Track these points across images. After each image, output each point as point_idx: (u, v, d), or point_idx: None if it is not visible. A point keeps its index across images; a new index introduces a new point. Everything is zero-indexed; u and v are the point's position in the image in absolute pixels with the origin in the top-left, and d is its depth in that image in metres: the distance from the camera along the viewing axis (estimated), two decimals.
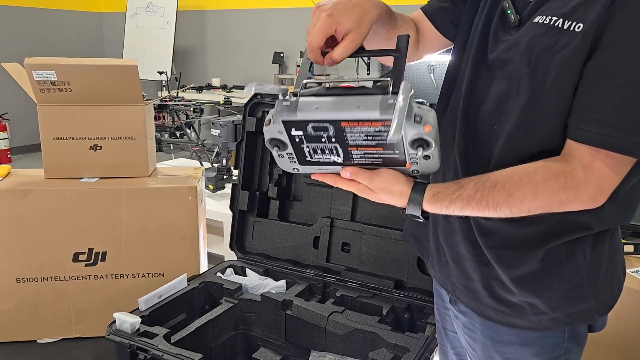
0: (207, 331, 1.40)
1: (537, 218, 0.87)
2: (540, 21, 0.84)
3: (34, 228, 1.62)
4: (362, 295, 1.48)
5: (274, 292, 1.52)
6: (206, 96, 5.80)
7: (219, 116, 3.94)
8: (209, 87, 6.29)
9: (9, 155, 6.23)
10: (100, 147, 1.70)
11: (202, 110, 4.50)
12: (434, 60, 4.58)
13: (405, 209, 0.90)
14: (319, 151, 0.85)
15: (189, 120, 4.71)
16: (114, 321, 1.30)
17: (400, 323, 1.44)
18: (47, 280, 1.66)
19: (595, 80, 0.78)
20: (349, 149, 0.83)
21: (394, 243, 1.53)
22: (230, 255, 1.79)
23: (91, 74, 1.63)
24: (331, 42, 0.88)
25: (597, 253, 0.90)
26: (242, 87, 6.13)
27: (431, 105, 0.83)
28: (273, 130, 0.83)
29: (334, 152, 0.85)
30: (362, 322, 1.34)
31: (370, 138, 0.80)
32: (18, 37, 6.57)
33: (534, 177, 0.82)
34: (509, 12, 0.91)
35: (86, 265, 1.67)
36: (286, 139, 0.84)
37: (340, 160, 0.86)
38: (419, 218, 0.90)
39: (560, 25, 0.81)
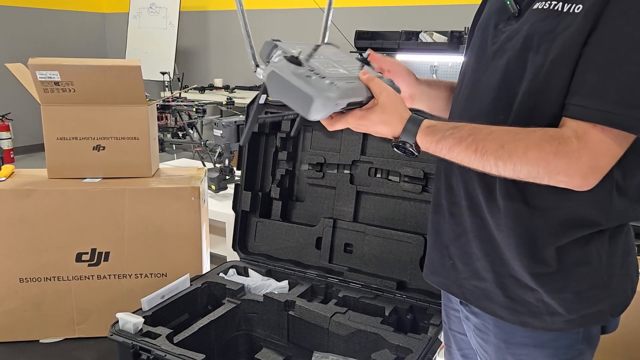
0: (209, 331, 1.40)
1: (546, 212, 0.86)
2: (540, 7, 0.85)
3: (37, 228, 1.62)
4: (364, 296, 1.48)
5: (276, 292, 1.52)
6: (209, 97, 5.80)
7: (222, 116, 3.94)
8: (212, 87, 6.30)
9: (12, 155, 6.25)
10: (104, 148, 1.70)
11: (204, 111, 4.51)
12: (436, 60, 4.59)
13: (397, 138, 0.90)
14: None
15: (191, 120, 4.72)
16: (117, 321, 1.30)
17: (402, 324, 1.44)
18: (50, 280, 1.66)
19: (594, 56, 0.77)
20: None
21: (396, 244, 1.53)
22: (233, 256, 1.79)
23: (94, 74, 1.63)
24: None
25: (612, 254, 0.89)
26: (244, 88, 6.13)
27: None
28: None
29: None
30: (365, 323, 1.34)
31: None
32: (21, 37, 6.59)
33: (529, 135, 0.81)
34: (508, 3, 0.91)
35: (89, 265, 1.67)
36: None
37: None
38: (412, 150, 0.90)
39: (560, 9, 0.81)
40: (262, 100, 0.98)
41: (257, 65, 0.93)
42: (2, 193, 1.60)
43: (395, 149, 0.92)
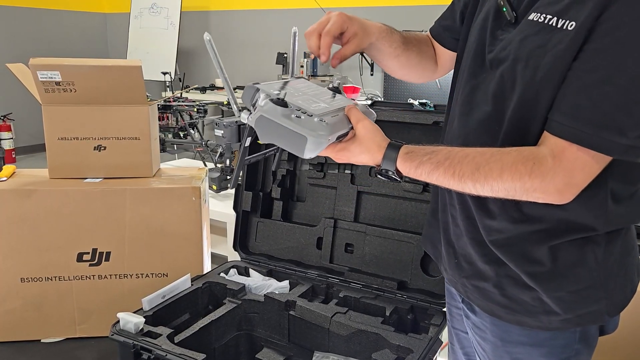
0: (210, 331, 1.40)
1: (541, 217, 0.87)
2: (534, 19, 0.84)
3: (38, 228, 1.62)
4: (365, 296, 1.48)
5: (277, 292, 1.52)
6: (210, 97, 5.81)
7: (223, 117, 3.94)
8: (213, 87, 6.31)
9: (13, 155, 6.26)
10: (105, 148, 1.70)
11: (205, 111, 4.52)
12: None
13: (379, 166, 0.92)
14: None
15: (192, 120, 4.72)
16: (118, 321, 1.30)
17: (403, 324, 1.44)
18: (52, 280, 1.66)
19: (577, 74, 0.78)
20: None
21: (397, 244, 1.53)
22: (234, 256, 1.79)
23: (96, 74, 1.63)
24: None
25: (608, 254, 0.89)
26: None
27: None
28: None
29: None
30: (366, 323, 1.34)
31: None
32: (22, 37, 6.60)
33: (504, 157, 0.82)
34: (504, 9, 0.91)
35: (90, 265, 1.67)
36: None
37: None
38: (395, 177, 0.91)
39: (554, 24, 0.81)
40: (247, 143, 0.98)
41: (240, 110, 0.93)
42: (3, 193, 1.60)
43: (379, 177, 0.94)
